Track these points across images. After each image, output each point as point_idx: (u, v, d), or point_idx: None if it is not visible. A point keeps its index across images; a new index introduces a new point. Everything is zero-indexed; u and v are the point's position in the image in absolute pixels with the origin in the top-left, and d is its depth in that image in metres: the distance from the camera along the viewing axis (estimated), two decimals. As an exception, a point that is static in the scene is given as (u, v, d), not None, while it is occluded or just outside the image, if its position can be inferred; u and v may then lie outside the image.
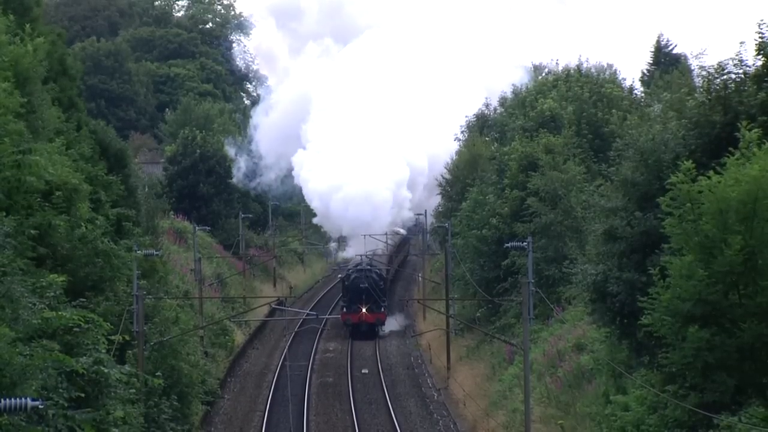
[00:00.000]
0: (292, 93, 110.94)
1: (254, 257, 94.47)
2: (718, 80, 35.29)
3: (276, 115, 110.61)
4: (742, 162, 28.46)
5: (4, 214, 28.49)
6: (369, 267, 79.43)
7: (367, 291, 77.11)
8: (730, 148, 29.54)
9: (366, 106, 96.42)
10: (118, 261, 37.69)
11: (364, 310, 77.33)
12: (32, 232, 30.59)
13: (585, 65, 76.46)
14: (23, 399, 17.73)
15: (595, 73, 74.61)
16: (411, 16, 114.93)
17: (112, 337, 31.84)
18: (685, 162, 29.73)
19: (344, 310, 78.85)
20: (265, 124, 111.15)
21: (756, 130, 29.68)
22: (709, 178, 28.36)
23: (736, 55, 35.03)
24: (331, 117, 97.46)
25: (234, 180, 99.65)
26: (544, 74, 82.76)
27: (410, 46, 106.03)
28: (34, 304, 25.74)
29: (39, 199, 32.24)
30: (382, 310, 78.59)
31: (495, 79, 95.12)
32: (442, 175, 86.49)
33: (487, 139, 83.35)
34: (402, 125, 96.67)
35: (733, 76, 35.08)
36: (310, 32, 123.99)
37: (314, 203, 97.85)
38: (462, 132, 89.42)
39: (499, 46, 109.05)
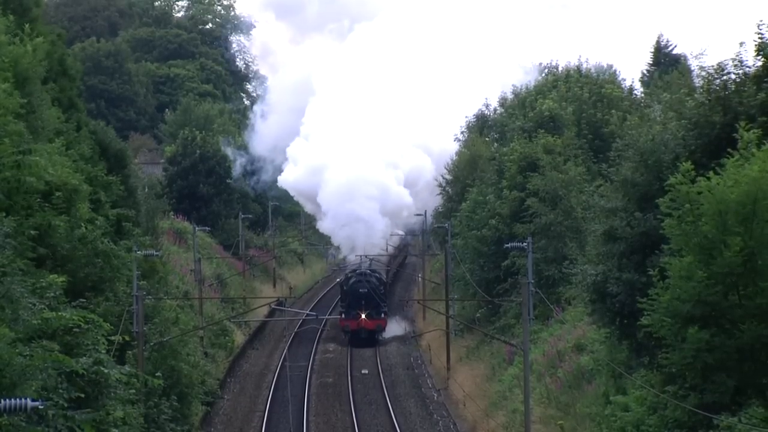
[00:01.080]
0: (294, 78, 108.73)
1: (254, 258, 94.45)
2: (718, 81, 35.33)
3: (275, 117, 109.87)
4: (740, 163, 28.47)
5: (4, 214, 28.48)
6: (369, 271, 76.61)
7: (367, 296, 74.30)
8: (729, 150, 29.56)
9: (370, 99, 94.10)
10: (118, 261, 37.71)
11: (363, 316, 74.35)
12: (32, 232, 30.60)
13: (585, 66, 76.55)
14: (23, 399, 17.72)
15: (595, 74, 74.62)
16: (408, 13, 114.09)
17: (112, 338, 31.86)
18: (684, 163, 29.75)
19: (342, 316, 75.59)
20: (263, 123, 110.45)
21: (755, 130, 29.71)
22: (708, 179, 28.37)
23: (736, 56, 35.11)
24: (332, 111, 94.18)
25: (231, 180, 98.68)
26: (544, 75, 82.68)
27: (410, 41, 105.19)
28: (34, 305, 25.74)
29: (39, 200, 32.25)
30: (383, 316, 75.70)
31: (502, 77, 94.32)
32: (442, 176, 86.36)
33: (487, 139, 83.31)
34: (408, 122, 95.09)
35: (733, 76, 35.12)
36: (313, 23, 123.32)
37: (306, 205, 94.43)
38: (462, 132, 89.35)
39: (500, 45, 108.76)
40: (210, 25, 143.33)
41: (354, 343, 74.59)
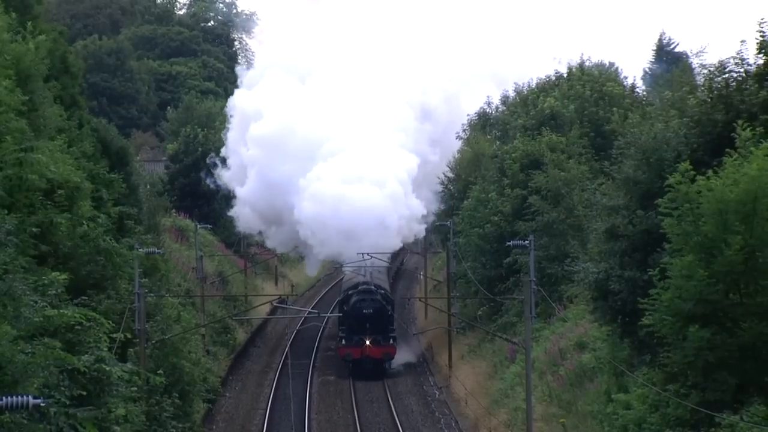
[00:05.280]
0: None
1: (256, 255, 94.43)
2: (720, 79, 35.34)
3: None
4: (739, 162, 28.50)
5: (6, 212, 28.50)
6: (373, 287, 65.73)
7: (373, 318, 63.51)
8: (728, 149, 29.59)
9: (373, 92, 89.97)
10: (120, 259, 37.76)
11: (368, 342, 63.09)
12: (34, 230, 30.61)
13: (587, 63, 76.39)
14: (25, 397, 17.74)
15: (596, 72, 74.46)
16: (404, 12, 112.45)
17: (114, 335, 31.90)
18: (683, 163, 29.78)
19: (343, 342, 64.14)
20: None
21: (757, 128, 29.73)
22: (707, 178, 28.40)
23: (738, 54, 35.14)
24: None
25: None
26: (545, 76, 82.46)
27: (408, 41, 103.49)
28: (36, 302, 25.77)
29: (41, 197, 32.27)
30: (391, 341, 64.16)
31: (507, 74, 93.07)
32: (444, 173, 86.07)
33: (489, 137, 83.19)
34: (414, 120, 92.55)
35: (735, 74, 35.13)
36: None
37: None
38: (464, 130, 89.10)
39: (501, 44, 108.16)
40: (212, 22, 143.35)
41: (356, 375, 63.32)
